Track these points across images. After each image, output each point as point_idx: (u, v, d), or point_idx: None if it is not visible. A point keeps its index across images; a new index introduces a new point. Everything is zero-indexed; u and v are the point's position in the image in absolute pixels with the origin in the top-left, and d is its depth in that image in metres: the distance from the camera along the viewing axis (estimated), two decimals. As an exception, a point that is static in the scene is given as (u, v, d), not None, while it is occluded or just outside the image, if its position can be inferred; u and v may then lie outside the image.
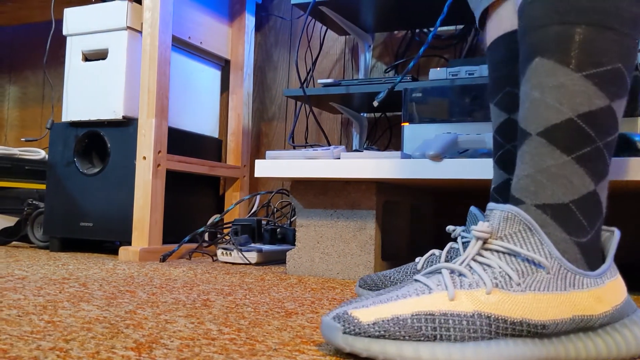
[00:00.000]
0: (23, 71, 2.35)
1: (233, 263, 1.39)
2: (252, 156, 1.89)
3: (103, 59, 1.50)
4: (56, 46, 2.05)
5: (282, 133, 1.87)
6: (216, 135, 1.80)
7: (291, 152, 1.18)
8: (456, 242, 0.84)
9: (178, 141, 1.57)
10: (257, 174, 1.19)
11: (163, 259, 1.38)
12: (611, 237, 0.59)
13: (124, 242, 1.45)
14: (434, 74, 1.30)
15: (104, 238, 1.49)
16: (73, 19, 1.55)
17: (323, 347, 0.57)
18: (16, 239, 1.68)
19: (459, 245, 0.82)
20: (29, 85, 2.33)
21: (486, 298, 0.52)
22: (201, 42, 1.67)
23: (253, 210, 1.82)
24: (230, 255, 1.39)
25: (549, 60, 0.56)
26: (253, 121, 1.90)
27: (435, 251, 0.86)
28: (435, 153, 1.01)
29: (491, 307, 0.51)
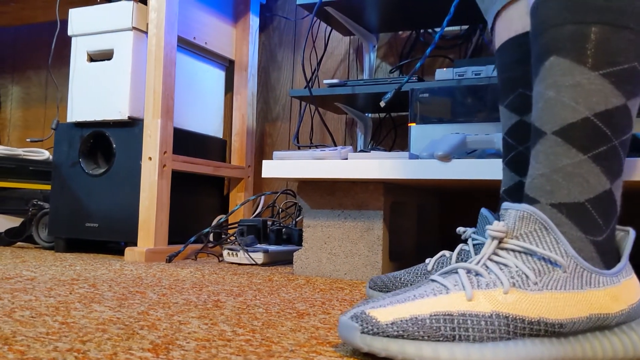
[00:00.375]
0: (26, 71, 2.35)
1: (239, 264, 1.39)
2: (256, 157, 1.89)
3: (108, 60, 1.50)
4: (60, 46, 2.05)
5: (286, 133, 1.87)
6: (220, 135, 1.80)
7: (299, 153, 1.17)
8: (466, 244, 0.84)
9: (183, 141, 1.57)
10: (265, 175, 1.19)
11: (169, 260, 1.38)
12: (626, 237, 0.59)
13: (130, 243, 1.45)
14: (440, 75, 1.30)
15: (110, 239, 1.49)
16: (78, 20, 1.55)
17: (340, 348, 0.57)
18: (21, 240, 1.68)
19: (470, 246, 0.82)
20: (32, 85, 2.33)
21: (504, 298, 0.52)
22: (206, 43, 1.67)
23: (258, 210, 1.82)
24: (236, 255, 1.39)
25: (565, 59, 0.56)
26: (257, 122, 1.90)
27: (445, 252, 0.86)
28: (444, 153, 1.01)
29: (509, 307, 0.51)
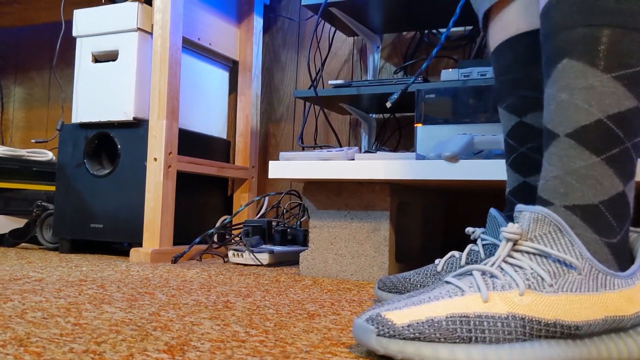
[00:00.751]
0: (28, 72, 2.35)
1: (245, 264, 1.39)
2: (260, 157, 1.89)
3: (113, 61, 1.50)
4: (63, 47, 2.05)
5: (290, 134, 1.87)
6: (224, 136, 1.80)
7: (305, 154, 1.18)
8: (476, 244, 0.84)
9: (187, 142, 1.57)
10: (271, 175, 1.19)
11: (174, 261, 1.38)
12: (639, 238, 0.59)
13: (134, 244, 1.44)
14: (446, 75, 1.30)
15: (114, 239, 1.49)
16: (83, 20, 1.55)
17: (354, 350, 0.57)
18: (25, 241, 1.68)
19: (479, 247, 0.82)
20: (35, 86, 2.33)
21: (519, 299, 0.52)
22: (210, 44, 1.67)
23: (262, 211, 1.82)
24: (241, 256, 1.39)
25: (577, 61, 0.57)
26: (260, 122, 1.90)
27: (454, 253, 0.86)
28: (451, 154, 1.01)
29: (525, 309, 0.51)
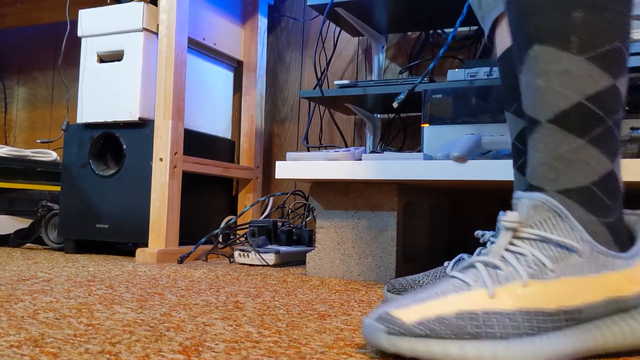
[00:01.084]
0: (32, 72, 2.35)
1: (251, 264, 1.39)
2: (265, 157, 1.89)
3: (118, 61, 1.50)
4: (68, 47, 2.05)
5: (295, 134, 1.87)
6: (229, 136, 1.80)
7: (312, 154, 1.17)
8: (485, 247, 0.84)
9: (192, 142, 1.57)
10: (278, 175, 1.19)
11: (181, 261, 1.38)
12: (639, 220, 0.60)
13: (140, 244, 1.44)
14: (453, 75, 1.30)
15: (120, 240, 1.49)
16: (88, 20, 1.55)
17: (368, 350, 0.57)
18: (30, 241, 1.68)
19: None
20: (38, 86, 2.33)
21: (523, 291, 0.53)
22: (215, 44, 1.67)
23: (267, 211, 1.82)
24: (247, 256, 1.39)
25: (549, 46, 0.56)
26: (265, 122, 1.90)
27: (464, 255, 0.86)
28: (459, 154, 1.01)
29: (529, 301, 0.52)
